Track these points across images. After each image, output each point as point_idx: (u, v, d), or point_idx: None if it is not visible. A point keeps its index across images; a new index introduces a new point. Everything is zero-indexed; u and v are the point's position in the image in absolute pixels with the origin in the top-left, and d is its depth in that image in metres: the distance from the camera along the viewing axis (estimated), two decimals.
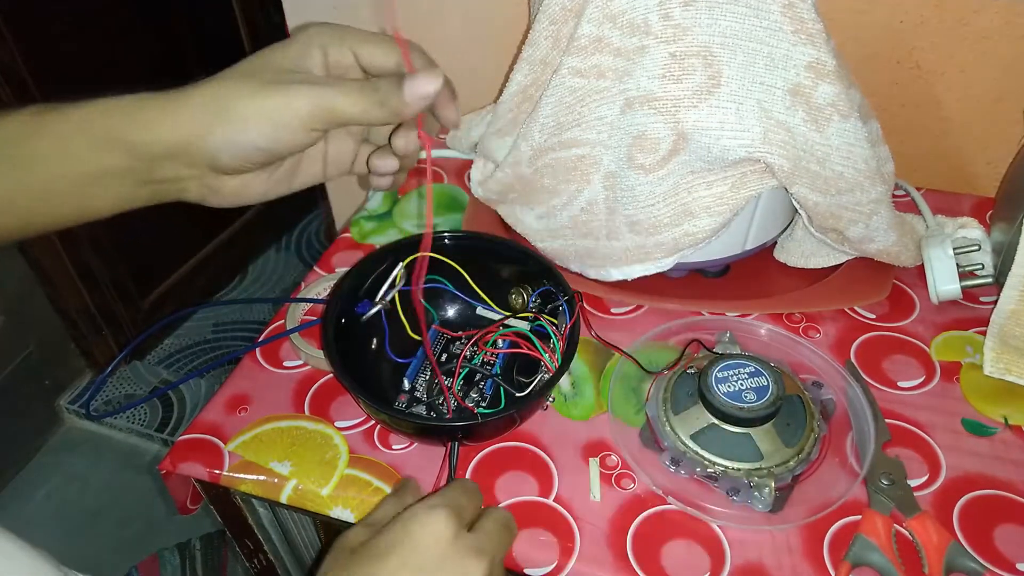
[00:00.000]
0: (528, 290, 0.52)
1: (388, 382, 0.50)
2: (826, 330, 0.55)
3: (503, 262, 0.53)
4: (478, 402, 0.49)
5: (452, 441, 0.44)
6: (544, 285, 0.51)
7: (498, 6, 0.77)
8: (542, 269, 0.51)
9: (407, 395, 0.50)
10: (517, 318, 0.51)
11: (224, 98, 0.35)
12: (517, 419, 0.46)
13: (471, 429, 0.45)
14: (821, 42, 0.45)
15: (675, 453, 0.45)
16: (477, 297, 0.52)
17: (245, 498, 0.52)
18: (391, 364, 0.51)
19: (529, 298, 0.51)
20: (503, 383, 0.48)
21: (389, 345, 0.49)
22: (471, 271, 0.51)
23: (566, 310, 0.49)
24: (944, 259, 0.55)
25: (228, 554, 1.25)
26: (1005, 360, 0.50)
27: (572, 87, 0.50)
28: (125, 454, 1.51)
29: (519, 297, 0.52)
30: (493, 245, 0.53)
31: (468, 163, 0.71)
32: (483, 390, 0.49)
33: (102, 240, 1.53)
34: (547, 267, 0.51)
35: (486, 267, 0.52)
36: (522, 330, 0.51)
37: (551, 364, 0.48)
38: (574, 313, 0.48)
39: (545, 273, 0.51)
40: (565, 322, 0.48)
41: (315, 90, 0.35)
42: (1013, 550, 0.41)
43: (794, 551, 0.41)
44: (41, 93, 1.31)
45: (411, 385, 0.50)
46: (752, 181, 0.50)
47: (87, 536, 1.38)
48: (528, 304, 0.51)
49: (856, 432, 0.47)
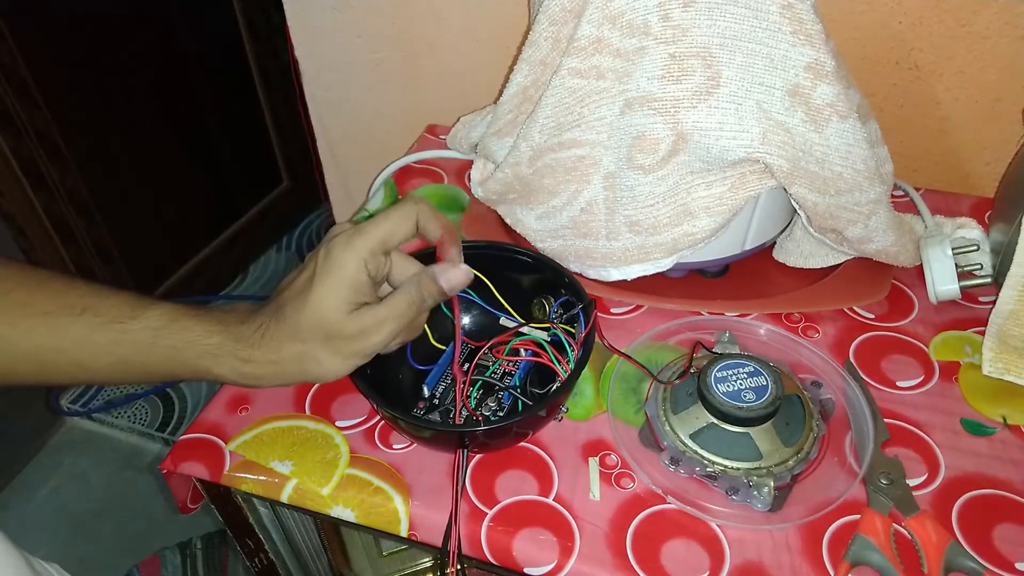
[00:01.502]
0: (550, 300, 0.51)
1: (408, 389, 0.50)
2: (825, 330, 0.55)
3: (522, 271, 0.52)
4: (495, 411, 0.48)
5: (461, 448, 0.43)
6: (563, 295, 0.50)
7: (498, 6, 0.77)
8: (559, 277, 0.51)
9: (426, 403, 0.49)
10: (533, 326, 0.51)
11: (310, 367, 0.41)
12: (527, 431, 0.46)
13: (477, 436, 0.44)
14: (820, 43, 0.45)
15: (674, 452, 0.45)
16: (500, 307, 0.51)
17: (246, 497, 0.52)
18: (412, 371, 0.50)
19: (551, 308, 0.51)
20: (520, 395, 0.48)
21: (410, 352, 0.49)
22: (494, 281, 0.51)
23: (581, 318, 0.48)
24: (943, 259, 0.55)
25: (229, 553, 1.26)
26: (1004, 360, 0.50)
27: (572, 88, 0.51)
28: (126, 454, 1.51)
29: (541, 307, 0.51)
30: (512, 254, 0.52)
31: (468, 163, 0.71)
32: (501, 400, 0.49)
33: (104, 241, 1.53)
34: (564, 275, 0.50)
35: (506, 277, 0.51)
36: (538, 339, 0.50)
37: (564, 374, 0.47)
38: (590, 321, 0.47)
39: (563, 281, 0.50)
40: (580, 330, 0.47)
41: (383, 335, 0.41)
42: (1012, 549, 0.41)
43: (793, 550, 0.41)
44: (41, 93, 1.31)
45: (431, 393, 0.49)
46: (751, 181, 0.50)
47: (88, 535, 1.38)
48: (550, 314, 0.50)
49: (855, 432, 0.47)
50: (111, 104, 1.46)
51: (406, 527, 0.44)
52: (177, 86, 1.59)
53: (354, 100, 0.92)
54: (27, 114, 1.30)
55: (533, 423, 0.46)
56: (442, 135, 0.79)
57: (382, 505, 0.44)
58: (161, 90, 1.56)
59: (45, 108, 1.33)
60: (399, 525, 0.44)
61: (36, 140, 1.33)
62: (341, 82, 0.90)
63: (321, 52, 0.89)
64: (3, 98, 1.26)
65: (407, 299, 0.42)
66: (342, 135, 0.97)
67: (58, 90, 1.34)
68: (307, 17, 0.86)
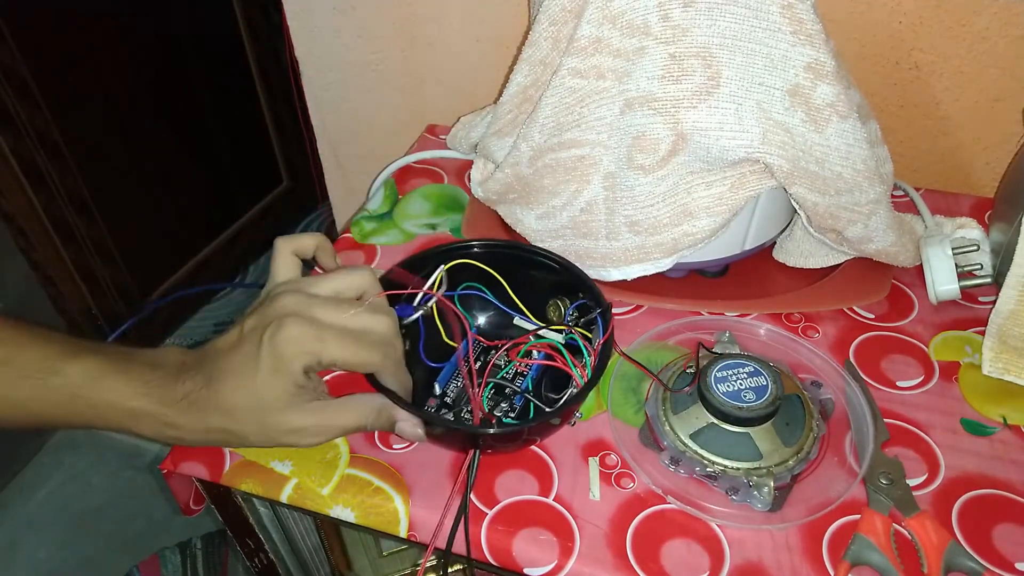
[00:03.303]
0: (566, 302, 0.51)
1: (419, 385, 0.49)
2: (825, 330, 0.55)
3: (538, 271, 0.52)
4: (507, 412, 0.48)
5: (474, 449, 0.43)
6: (580, 298, 0.50)
7: (498, 6, 0.77)
8: (577, 280, 0.50)
9: (437, 400, 0.49)
10: (551, 330, 0.50)
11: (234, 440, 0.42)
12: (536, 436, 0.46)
13: (491, 438, 0.43)
14: (820, 43, 0.45)
15: (674, 452, 0.45)
16: (515, 307, 0.50)
17: (246, 497, 0.52)
18: (424, 368, 0.49)
19: (566, 311, 0.50)
20: (532, 398, 0.47)
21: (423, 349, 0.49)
22: (510, 281, 0.50)
23: (600, 323, 0.47)
24: (943, 259, 0.55)
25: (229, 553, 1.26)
26: (1004, 360, 0.50)
27: (572, 88, 0.51)
28: (126, 453, 1.51)
29: (556, 310, 0.51)
30: (530, 255, 0.52)
31: (468, 163, 0.71)
32: (513, 402, 0.48)
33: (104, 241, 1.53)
34: (583, 279, 0.50)
35: (523, 277, 0.51)
36: (554, 342, 0.49)
37: (580, 379, 0.46)
38: (608, 327, 0.46)
39: (581, 284, 0.50)
40: (598, 336, 0.47)
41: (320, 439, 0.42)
42: (1012, 549, 0.41)
43: (793, 550, 0.41)
44: (41, 93, 1.31)
45: (442, 391, 0.49)
46: (751, 181, 0.50)
47: (88, 535, 1.38)
48: (565, 317, 0.50)
49: (855, 432, 0.47)
50: (111, 104, 1.46)
51: (406, 527, 0.44)
52: (177, 86, 1.59)
53: (354, 100, 0.92)
54: (27, 114, 1.30)
55: (547, 429, 0.46)
56: (442, 135, 0.79)
57: (382, 505, 0.44)
58: (161, 90, 1.56)
59: (45, 108, 1.33)
60: (399, 525, 0.44)
61: (36, 140, 1.33)
62: (341, 82, 0.90)
63: (321, 52, 0.89)
64: (3, 98, 1.26)
65: (357, 420, 0.42)
66: (342, 135, 0.97)
67: (58, 90, 1.35)
68: (307, 17, 0.86)
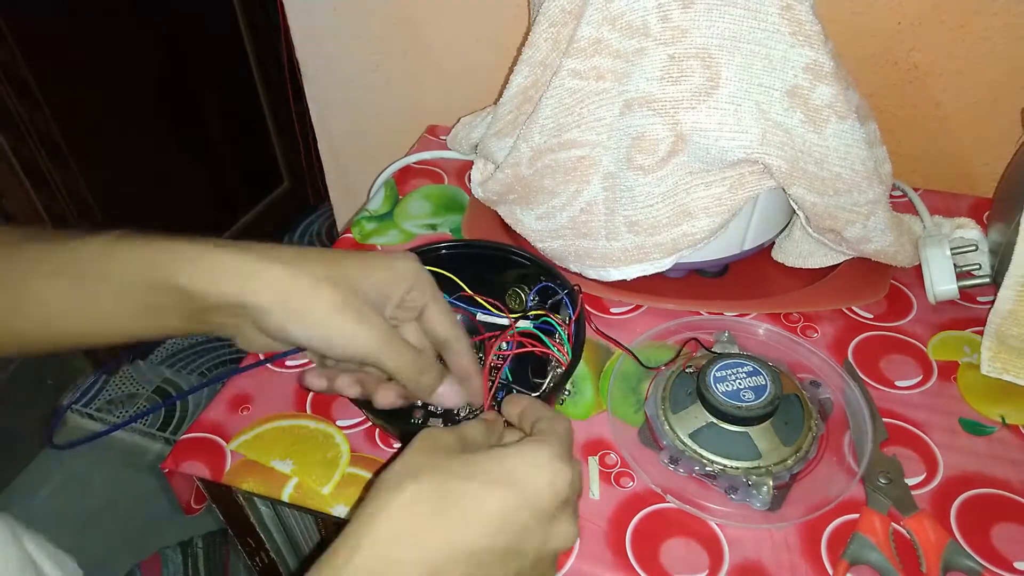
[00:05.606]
0: (525, 290, 0.52)
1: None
2: (824, 330, 0.55)
3: (500, 266, 0.53)
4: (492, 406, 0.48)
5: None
6: (541, 282, 0.51)
7: (498, 6, 0.77)
8: (539, 268, 0.51)
9: (421, 411, 0.48)
10: (524, 319, 0.50)
11: (300, 296, 0.37)
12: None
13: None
14: (819, 44, 0.46)
15: (674, 452, 0.45)
16: (476, 304, 0.51)
17: (247, 497, 0.52)
18: None
19: (527, 297, 0.51)
20: (516, 386, 0.48)
21: None
22: (467, 279, 0.50)
23: (568, 304, 0.49)
24: (941, 259, 0.55)
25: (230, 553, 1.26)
26: (1002, 359, 0.51)
27: (571, 88, 0.51)
28: (127, 453, 1.51)
29: (516, 298, 0.52)
30: (488, 251, 0.53)
31: (468, 164, 0.71)
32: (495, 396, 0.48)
33: None
34: (543, 266, 0.51)
35: (483, 273, 0.51)
36: (527, 329, 0.50)
37: (563, 358, 0.47)
38: (577, 305, 0.47)
39: (542, 271, 0.51)
40: (569, 316, 0.48)
41: (376, 338, 0.38)
42: (1011, 548, 0.41)
43: (792, 549, 0.41)
44: (41, 93, 1.31)
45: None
46: (750, 182, 0.50)
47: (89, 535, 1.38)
48: (527, 303, 0.51)
49: (854, 431, 0.47)
50: (112, 104, 1.47)
51: None
52: (177, 86, 1.59)
53: (354, 100, 0.92)
54: (28, 114, 1.30)
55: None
56: (442, 135, 0.79)
57: None
58: (161, 90, 1.56)
59: (46, 108, 1.33)
60: None
61: (37, 140, 1.33)
62: (341, 82, 0.91)
63: (321, 52, 0.89)
64: (4, 98, 1.26)
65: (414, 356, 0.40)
66: (342, 135, 0.97)
67: (59, 90, 1.35)
68: (307, 17, 0.86)
